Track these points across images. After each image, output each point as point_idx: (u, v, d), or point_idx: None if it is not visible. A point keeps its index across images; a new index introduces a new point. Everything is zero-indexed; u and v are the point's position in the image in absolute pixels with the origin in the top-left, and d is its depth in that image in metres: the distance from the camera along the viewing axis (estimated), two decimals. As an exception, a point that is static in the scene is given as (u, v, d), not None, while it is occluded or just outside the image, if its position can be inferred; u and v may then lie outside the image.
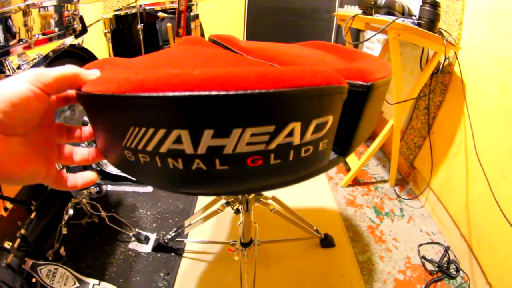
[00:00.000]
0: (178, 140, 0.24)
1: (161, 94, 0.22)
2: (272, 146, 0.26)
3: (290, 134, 0.26)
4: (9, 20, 0.67)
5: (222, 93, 0.22)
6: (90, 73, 0.27)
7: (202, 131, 0.23)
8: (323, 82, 0.26)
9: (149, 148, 0.25)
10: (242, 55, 0.55)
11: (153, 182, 0.32)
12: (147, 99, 0.22)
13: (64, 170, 0.30)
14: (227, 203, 0.82)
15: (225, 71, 0.23)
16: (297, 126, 0.26)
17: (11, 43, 0.69)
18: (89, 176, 0.32)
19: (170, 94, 0.22)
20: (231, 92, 0.22)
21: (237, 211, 0.80)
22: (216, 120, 0.23)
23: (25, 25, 0.70)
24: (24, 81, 0.23)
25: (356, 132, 0.38)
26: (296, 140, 0.27)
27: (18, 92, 0.22)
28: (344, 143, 0.39)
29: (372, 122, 0.45)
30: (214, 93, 0.22)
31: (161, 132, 0.24)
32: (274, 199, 0.91)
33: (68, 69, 0.25)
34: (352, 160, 1.52)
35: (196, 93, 0.22)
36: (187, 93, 0.22)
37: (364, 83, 0.34)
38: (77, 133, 0.32)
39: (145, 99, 0.22)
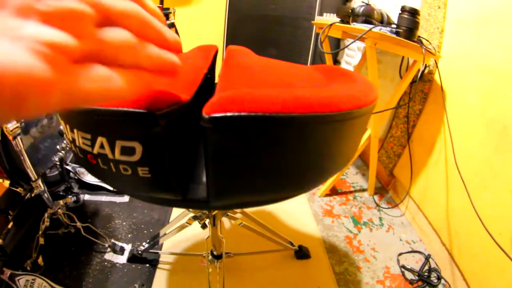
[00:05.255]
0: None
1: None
2: (95, 151, 0.32)
3: (102, 146, 0.31)
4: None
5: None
6: None
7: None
8: (124, 105, 0.29)
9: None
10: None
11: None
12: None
13: None
14: (194, 218, 0.82)
15: None
16: (104, 141, 0.31)
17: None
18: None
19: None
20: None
21: (203, 226, 0.80)
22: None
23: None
24: None
25: (212, 180, 0.33)
26: (109, 154, 0.32)
27: None
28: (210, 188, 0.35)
29: (260, 175, 0.34)
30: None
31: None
32: (243, 212, 0.90)
33: None
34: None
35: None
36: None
37: (205, 116, 0.27)
38: None
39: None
